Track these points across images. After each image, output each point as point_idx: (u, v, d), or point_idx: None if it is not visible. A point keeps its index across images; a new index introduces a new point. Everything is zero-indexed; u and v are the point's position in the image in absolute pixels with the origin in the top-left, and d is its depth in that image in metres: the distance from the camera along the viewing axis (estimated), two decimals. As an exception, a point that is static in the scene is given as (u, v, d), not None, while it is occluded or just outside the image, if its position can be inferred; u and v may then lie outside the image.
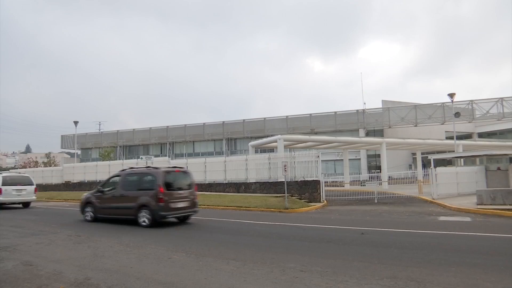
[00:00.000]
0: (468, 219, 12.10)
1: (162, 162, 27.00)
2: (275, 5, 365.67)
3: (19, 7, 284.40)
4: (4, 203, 18.28)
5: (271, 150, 32.16)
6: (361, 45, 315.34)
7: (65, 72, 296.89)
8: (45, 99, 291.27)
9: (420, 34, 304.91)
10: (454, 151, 28.76)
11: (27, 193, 19.08)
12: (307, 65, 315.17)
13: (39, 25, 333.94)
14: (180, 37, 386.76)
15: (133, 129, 54.81)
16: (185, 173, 12.77)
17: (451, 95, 26.69)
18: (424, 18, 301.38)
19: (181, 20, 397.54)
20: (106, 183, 12.89)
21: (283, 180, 18.08)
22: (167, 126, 51.65)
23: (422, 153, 36.93)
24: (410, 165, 41.53)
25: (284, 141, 25.52)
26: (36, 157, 66.84)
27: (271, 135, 31.61)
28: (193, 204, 11.94)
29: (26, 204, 19.45)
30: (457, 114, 30.51)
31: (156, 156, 42.62)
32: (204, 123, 49.63)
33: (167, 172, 11.78)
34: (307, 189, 18.96)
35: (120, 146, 54.18)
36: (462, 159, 26.35)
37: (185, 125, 50.57)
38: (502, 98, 37.35)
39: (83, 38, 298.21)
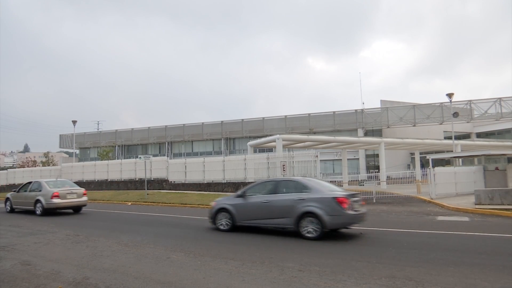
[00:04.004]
0: (466, 219, 12.13)
1: (161, 162, 27.01)
2: (284, 6, 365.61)
3: (22, 5, 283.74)
4: None
5: (270, 149, 32.17)
6: (367, 45, 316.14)
7: (67, 71, 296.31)
8: (46, 98, 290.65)
9: (426, 33, 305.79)
10: (452, 151, 28.83)
11: None
12: (310, 65, 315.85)
13: (42, 25, 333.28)
14: (186, 37, 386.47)
15: (132, 128, 54.73)
16: None
17: (450, 95, 26.76)
18: (431, 18, 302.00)
19: (188, 20, 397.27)
20: None
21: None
22: (166, 126, 51.61)
23: (421, 153, 37.01)
24: (409, 165, 41.61)
25: (283, 140, 25.52)
26: (34, 157, 66.70)
27: (270, 135, 31.61)
28: None
29: None
30: (455, 114, 30.58)
31: (154, 155, 42.65)
32: (203, 123, 49.61)
33: None
34: (305, 189, 18.96)
35: (119, 146, 54.10)
36: (460, 159, 26.40)
37: (183, 124, 50.54)
38: (500, 98, 37.47)
39: (87, 36, 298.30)
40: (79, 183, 30.79)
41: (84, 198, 15.99)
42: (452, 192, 19.00)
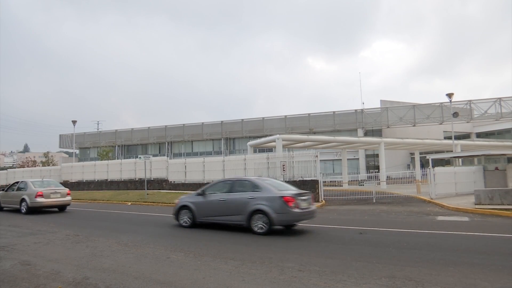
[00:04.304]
0: (466, 219, 12.13)
1: (160, 162, 27.00)
2: (284, 6, 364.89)
3: (22, 5, 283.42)
4: None
5: (270, 149, 32.20)
6: (367, 45, 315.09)
7: (67, 70, 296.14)
8: (46, 98, 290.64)
9: (426, 33, 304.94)
10: (452, 151, 28.84)
11: None
12: (310, 65, 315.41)
13: (42, 25, 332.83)
14: (186, 37, 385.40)
15: (132, 128, 54.74)
16: None
17: (450, 95, 26.77)
18: (431, 18, 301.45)
19: (189, 20, 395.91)
20: None
21: (282, 179, 18.08)
22: (166, 126, 51.63)
23: (421, 153, 37.03)
24: (409, 165, 41.63)
25: (283, 140, 25.53)
26: (34, 157, 66.72)
27: (270, 135, 31.65)
28: None
29: None
30: (455, 114, 30.59)
31: (154, 155, 42.65)
32: (202, 123, 49.63)
33: None
34: (305, 189, 18.90)
35: (119, 146, 54.10)
36: (460, 159, 26.41)
37: (183, 124, 50.55)
38: (500, 98, 37.49)
39: (87, 36, 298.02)
40: (79, 183, 30.95)
41: (68, 198, 16.64)
42: (452, 192, 19.01)
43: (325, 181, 25.51)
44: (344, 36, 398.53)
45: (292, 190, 9.85)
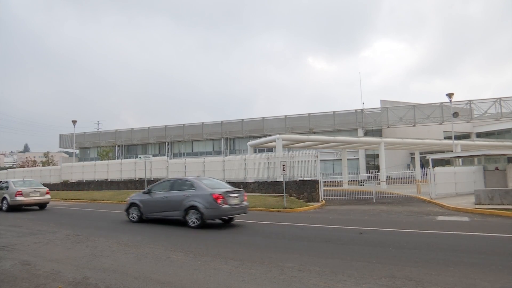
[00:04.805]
0: (466, 218, 12.13)
1: (160, 162, 27.00)
2: (285, 5, 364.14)
3: (23, 5, 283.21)
4: None
5: (270, 149, 32.20)
6: (368, 44, 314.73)
7: (67, 70, 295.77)
8: (46, 98, 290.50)
9: (427, 33, 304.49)
10: (452, 151, 28.84)
11: None
12: (311, 65, 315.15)
13: (43, 25, 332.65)
14: (187, 36, 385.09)
15: (132, 128, 54.73)
16: None
17: (450, 95, 26.77)
18: (432, 17, 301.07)
19: (189, 20, 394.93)
20: None
21: (282, 179, 18.09)
22: (166, 126, 51.62)
23: (421, 153, 37.03)
24: (409, 165, 41.62)
25: (283, 140, 25.53)
26: (34, 157, 66.79)
27: (270, 135, 31.64)
28: None
29: None
30: (455, 114, 30.60)
31: (154, 155, 42.64)
32: (203, 123, 49.61)
33: None
34: (305, 189, 18.97)
35: (119, 146, 54.10)
36: (460, 159, 26.40)
37: (183, 124, 50.54)
38: (500, 98, 37.48)
39: (88, 36, 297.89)
40: (79, 183, 30.96)
41: (47, 197, 17.77)
42: (452, 192, 19.01)
43: (325, 181, 25.51)
44: (345, 36, 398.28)
45: (223, 188, 10.83)
